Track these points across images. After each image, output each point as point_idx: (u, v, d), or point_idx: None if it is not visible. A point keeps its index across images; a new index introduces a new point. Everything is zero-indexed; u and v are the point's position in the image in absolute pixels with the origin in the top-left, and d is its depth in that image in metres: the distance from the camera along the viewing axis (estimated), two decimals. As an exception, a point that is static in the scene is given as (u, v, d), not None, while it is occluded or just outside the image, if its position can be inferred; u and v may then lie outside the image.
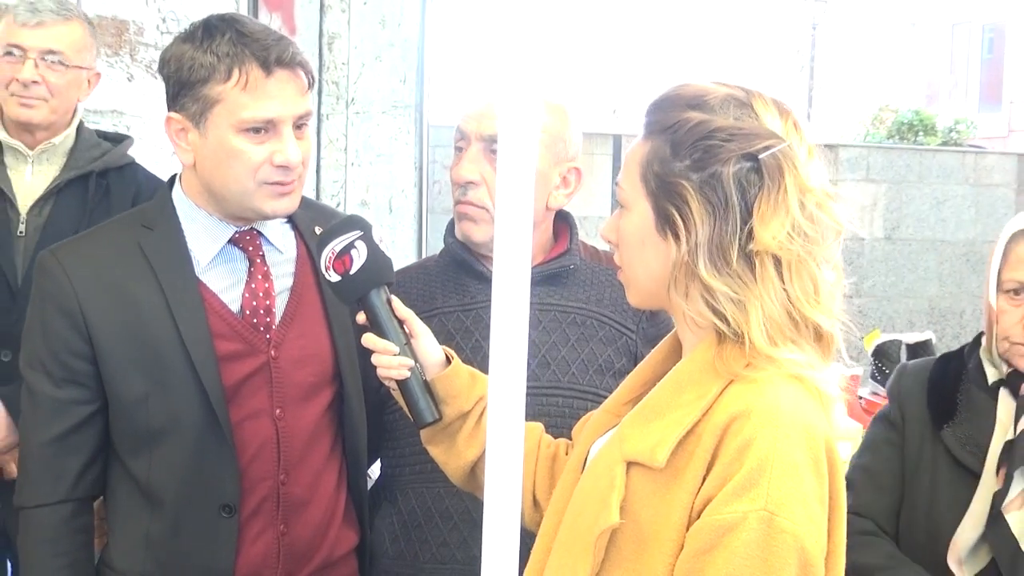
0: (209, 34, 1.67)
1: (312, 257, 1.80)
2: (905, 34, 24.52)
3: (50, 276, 1.74)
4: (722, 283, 1.27)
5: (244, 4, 3.49)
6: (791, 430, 1.23)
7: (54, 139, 2.52)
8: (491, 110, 1.89)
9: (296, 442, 1.79)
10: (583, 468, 1.43)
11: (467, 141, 1.92)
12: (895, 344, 3.96)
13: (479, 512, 1.12)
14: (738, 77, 1.41)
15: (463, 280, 1.97)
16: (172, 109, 1.71)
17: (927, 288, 8.62)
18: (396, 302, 1.59)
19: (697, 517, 1.23)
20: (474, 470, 1.61)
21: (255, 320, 1.77)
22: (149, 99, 3.29)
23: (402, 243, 3.73)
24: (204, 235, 1.76)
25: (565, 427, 1.65)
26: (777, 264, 1.27)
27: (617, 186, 1.38)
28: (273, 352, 1.77)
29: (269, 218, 1.76)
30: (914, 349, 3.78)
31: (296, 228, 1.85)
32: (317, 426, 1.82)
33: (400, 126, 3.70)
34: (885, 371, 3.91)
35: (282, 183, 1.70)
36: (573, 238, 2.00)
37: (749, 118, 1.30)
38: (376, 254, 1.57)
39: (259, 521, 1.78)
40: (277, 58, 1.66)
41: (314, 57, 3.56)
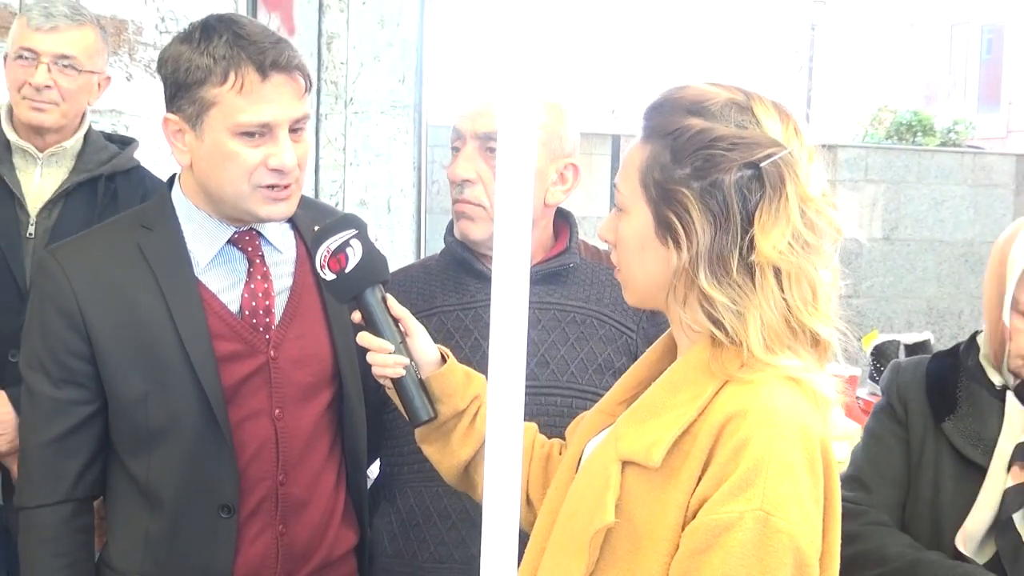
0: (207, 35, 1.66)
1: (312, 257, 1.80)
2: (904, 35, 24.54)
3: (49, 276, 1.74)
4: (722, 294, 1.27)
5: (243, 3, 3.49)
6: (787, 430, 1.23)
7: (65, 143, 2.53)
8: (486, 108, 1.90)
9: (295, 442, 1.79)
10: (577, 468, 1.43)
11: (463, 140, 1.92)
12: (893, 344, 3.95)
13: (477, 512, 1.12)
14: (737, 77, 1.41)
15: (463, 279, 1.97)
16: (169, 110, 1.71)
17: (925, 288, 8.62)
18: (391, 301, 1.59)
19: (693, 517, 1.24)
20: (468, 469, 1.61)
21: (254, 320, 1.77)
22: (147, 99, 3.29)
23: (401, 243, 3.73)
24: (203, 235, 1.76)
25: (563, 426, 1.65)
26: (777, 273, 1.28)
27: (615, 188, 1.38)
28: (272, 352, 1.77)
29: (265, 222, 1.76)
30: (913, 349, 3.77)
31: (296, 228, 1.85)
32: (316, 426, 1.82)
33: (399, 126, 3.70)
34: (883, 371, 3.90)
35: (277, 187, 1.69)
36: (573, 237, 2.01)
37: (750, 124, 1.30)
38: (371, 253, 1.57)
39: (258, 521, 1.78)
40: (273, 61, 1.65)
41: (313, 57, 3.56)
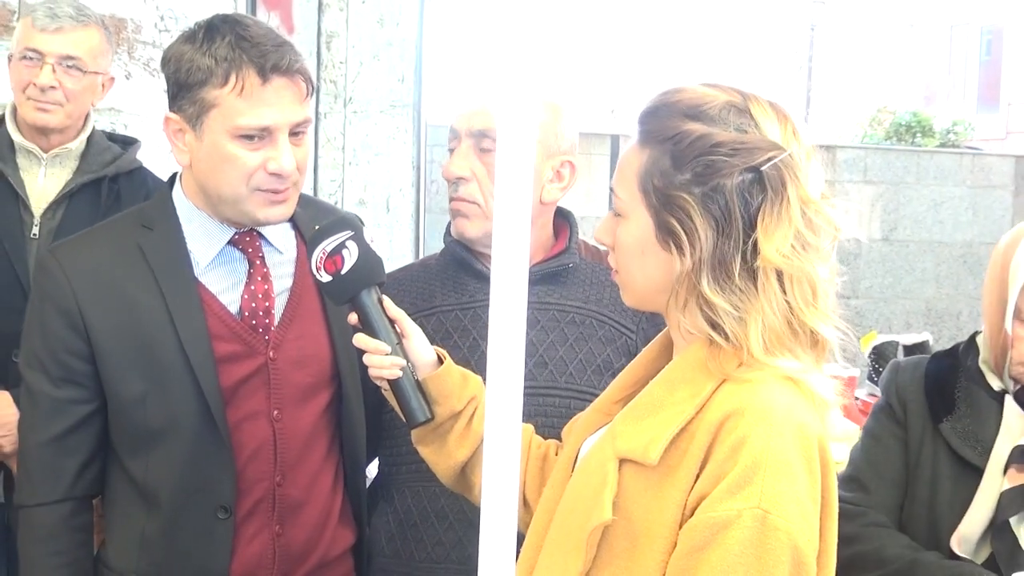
0: (210, 36, 1.66)
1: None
2: (903, 35, 24.55)
3: (49, 275, 1.74)
4: (724, 300, 1.27)
5: (242, 2, 3.49)
6: (785, 429, 1.24)
7: (70, 144, 2.54)
8: (480, 106, 1.90)
9: (294, 443, 1.79)
10: (573, 467, 1.43)
11: (458, 139, 1.93)
12: (892, 345, 3.95)
13: (474, 512, 1.12)
14: (736, 78, 1.41)
15: (462, 278, 1.97)
16: (171, 109, 1.71)
17: (924, 289, 8.62)
18: (387, 302, 1.59)
19: (690, 515, 1.24)
20: (464, 471, 1.61)
21: (254, 321, 1.77)
22: (146, 97, 3.29)
23: (399, 242, 3.73)
24: (203, 236, 1.76)
25: (562, 427, 1.65)
26: (779, 276, 1.28)
27: (612, 193, 1.38)
28: (271, 353, 1.77)
29: (262, 224, 1.76)
30: (911, 350, 3.77)
31: (296, 228, 1.85)
32: (315, 427, 1.82)
33: (398, 125, 3.70)
34: (882, 372, 3.90)
35: (275, 191, 1.69)
36: (573, 237, 2.00)
37: (749, 127, 1.30)
38: (367, 254, 1.57)
39: (255, 522, 1.78)
40: (274, 65, 1.64)
41: (312, 56, 3.56)
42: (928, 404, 1.93)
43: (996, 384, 1.89)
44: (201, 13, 1.74)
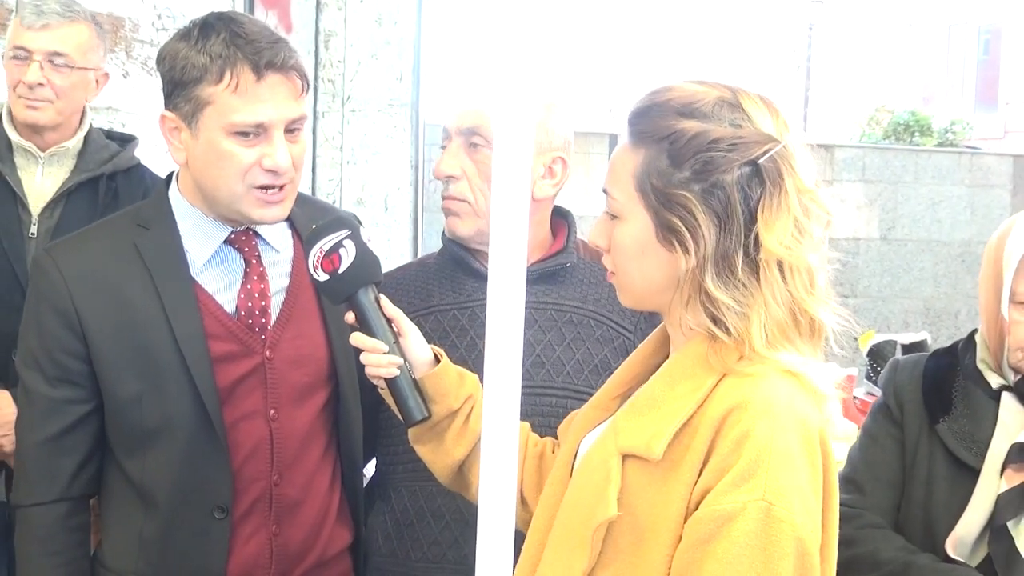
0: (204, 34, 1.66)
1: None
2: (901, 35, 24.55)
3: (45, 275, 1.74)
4: (728, 295, 1.28)
5: (240, 1, 3.49)
6: (787, 422, 1.25)
7: (67, 142, 2.53)
8: (470, 104, 1.90)
9: (290, 443, 1.79)
10: (572, 464, 1.43)
11: (449, 139, 1.93)
12: (890, 344, 3.95)
13: (471, 512, 1.12)
14: (734, 77, 1.41)
15: (460, 278, 1.96)
16: (167, 107, 1.71)
17: (922, 289, 8.63)
18: (384, 301, 1.59)
19: (695, 508, 1.25)
20: (461, 469, 1.61)
21: (250, 321, 1.76)
22: (144, 96, 3.29)
23: (398, 241, 3.73)
24: (200, 235, 1.76)
25: (559, 427, 1.64)
26: (780, 266, 1.29)
27: (606, 195, 1.38)
28: (268, 353, 1.77)
29: (258, 224, 1.76)
30: (909, 349, 3.77)
31: (293, 227, 1.84)
32: (312, 427, 1.82)
33: (396, 124, 3.70)
34: (880, 371, 3.90)
35: (271, 188, 1.69)
36: (571, 236, 2.00)
37: (743, 121, 1.31)
38: (364, 253, 1.57)
39: (252, 522, 1.77)
40: (269, 61, 1.64)
41: (310, 55, 3.56)
42: (925, 404, 1.92)
43: (995, 381, 1.88)
44: (198, 12, 1.73)
